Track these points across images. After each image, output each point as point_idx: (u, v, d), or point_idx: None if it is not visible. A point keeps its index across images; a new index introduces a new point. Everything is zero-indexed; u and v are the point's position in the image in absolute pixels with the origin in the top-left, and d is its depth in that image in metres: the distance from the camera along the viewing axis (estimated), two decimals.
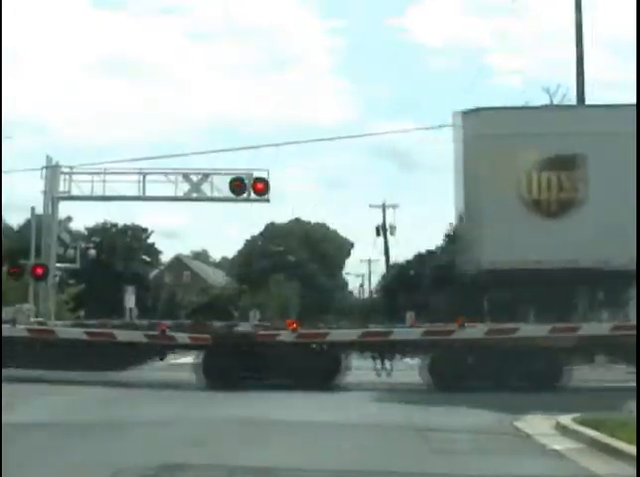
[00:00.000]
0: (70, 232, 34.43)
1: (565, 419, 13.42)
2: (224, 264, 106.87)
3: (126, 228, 71.46)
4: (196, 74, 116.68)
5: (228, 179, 28.55)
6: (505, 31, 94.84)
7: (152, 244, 75.32)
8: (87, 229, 66.07)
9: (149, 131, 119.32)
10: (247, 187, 28.20)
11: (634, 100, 22.73)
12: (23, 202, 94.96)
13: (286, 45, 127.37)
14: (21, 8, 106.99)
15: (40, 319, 25.95)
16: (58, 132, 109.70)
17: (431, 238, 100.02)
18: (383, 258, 72.96)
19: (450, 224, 67.03)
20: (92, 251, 34.03)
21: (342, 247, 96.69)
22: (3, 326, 22.77)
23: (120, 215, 67.45)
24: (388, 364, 22.72)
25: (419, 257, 70.78)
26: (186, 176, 29.14)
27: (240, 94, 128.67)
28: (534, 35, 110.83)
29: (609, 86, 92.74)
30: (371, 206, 69.17)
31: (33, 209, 30.87)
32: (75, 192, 28.97)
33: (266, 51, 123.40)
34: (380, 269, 77.90)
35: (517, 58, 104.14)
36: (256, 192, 28.32)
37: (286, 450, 11.33)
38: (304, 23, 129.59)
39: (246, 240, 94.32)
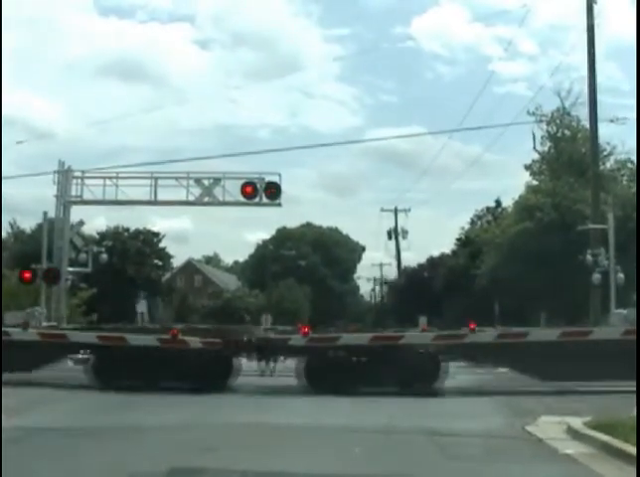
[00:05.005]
0: (82, 236, 34.39)
1: (577, 423, 13.39)
2: (235, 269, 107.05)
3: (138, 232, 71.53)
4: (205, 79, 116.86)
5: (239, 183, 28.57)
6: (510, 38, 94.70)
7: (164, 249, 75.33)
8: (99, 233, 66.15)
9: (159, 137, 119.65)
10: (259, 191, 28.22)
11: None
12: (35, 206, 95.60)
13: (295, 53, 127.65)
14: (30, 15, 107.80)
15: (52, 323, 26.05)
16: (68, 137, 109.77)
17: (443, 243, 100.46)
18: (394, 262, 73.10)
19: (462, 228, 67.53)
20: (104, 256, 33.95)
21: (353, 251, 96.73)
22: (14, 330, 22.86)
23: (132, 219, 67.68)
24: None
25: (431, 261, 70.93)
26: (197, 180, 29.17)
27: (251, 101, 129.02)
28: (539, 42, 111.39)
29: (614, 94, 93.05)
30: (382, 210, 69.36)
31: (45, 213, 31.02)
32: (87, 196, 29.06)
33: (275, 58, 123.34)
34: (392, 273, 77.95)
35: (522, 65, 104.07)
36: (268, 196, 28.31)
37: (299, 455, 11.32)
38: (313, 31, 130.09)
39: (258, 245, 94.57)
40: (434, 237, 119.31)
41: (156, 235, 74.20)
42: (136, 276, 64.38)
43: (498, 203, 65.70)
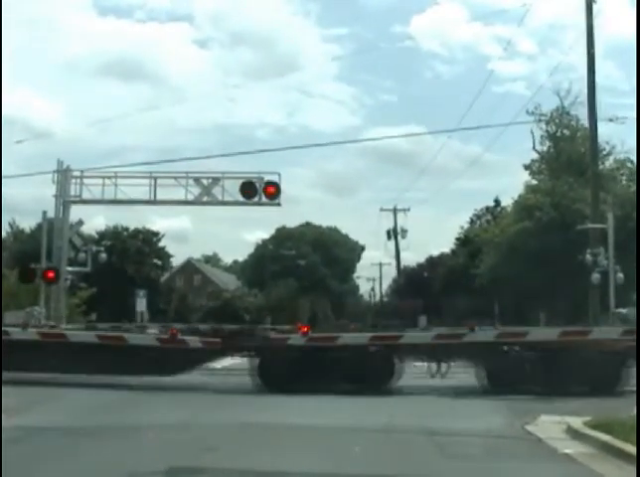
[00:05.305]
0: (81, 235, 34.40)
1: (576, 423, 13.38)
2: (234, 268, 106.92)
3: (137, 231, 71.53)
4: (204, 79, 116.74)
5: (238, 183, 28.57)
6: (509, 37, 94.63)
7: (163, 248, 75.35)
8: (98, 232, 66.14)
9: (158, 136, 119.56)
10: (259, 191, 28.21)
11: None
12: (35, 205, 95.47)
13: (294, 52, 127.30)
14: (30, 15, 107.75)
15: (51, 322, 26.05)
16: (68, 137, 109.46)
17: (443, 242, 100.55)
18: (394, 262, 73.05)
19: (461, 227, 67.57)
20: (103, 255, 33.93)
21: (353, 251, 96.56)
22: (14, 329, 22.85)
23: (131, 218, 67.70)
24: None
25: (431, 261, 70.99)
26: (197, 180, 29.18)
27: (249, 100, 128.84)
28: (538, 41, 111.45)
29: (613, 93, 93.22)
30: (382, 209, 69.16)
31: (44, 213, 31.02)
32: (86, 195, 29.06)
33: (274, 57, 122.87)
34: (391, 273, 77.95)
35: (521, 64, 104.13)
36: (267, 196, 28.31)
37: (299, 455, 11.31)
38: (312, 31, 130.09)
39: (257, 244, 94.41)
40: (434, 236, 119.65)
41: (155, 234, 74.21)
42: (136, 276, 64.39)
43: (497, 202, 65.84)
